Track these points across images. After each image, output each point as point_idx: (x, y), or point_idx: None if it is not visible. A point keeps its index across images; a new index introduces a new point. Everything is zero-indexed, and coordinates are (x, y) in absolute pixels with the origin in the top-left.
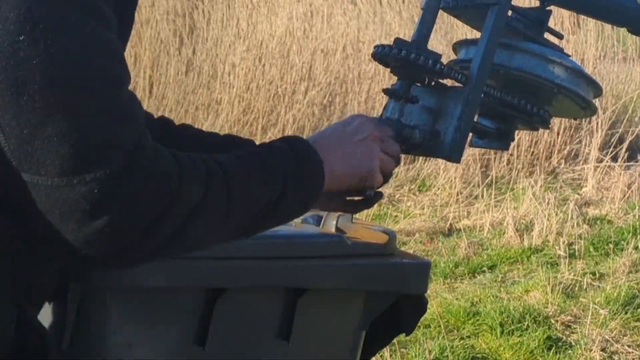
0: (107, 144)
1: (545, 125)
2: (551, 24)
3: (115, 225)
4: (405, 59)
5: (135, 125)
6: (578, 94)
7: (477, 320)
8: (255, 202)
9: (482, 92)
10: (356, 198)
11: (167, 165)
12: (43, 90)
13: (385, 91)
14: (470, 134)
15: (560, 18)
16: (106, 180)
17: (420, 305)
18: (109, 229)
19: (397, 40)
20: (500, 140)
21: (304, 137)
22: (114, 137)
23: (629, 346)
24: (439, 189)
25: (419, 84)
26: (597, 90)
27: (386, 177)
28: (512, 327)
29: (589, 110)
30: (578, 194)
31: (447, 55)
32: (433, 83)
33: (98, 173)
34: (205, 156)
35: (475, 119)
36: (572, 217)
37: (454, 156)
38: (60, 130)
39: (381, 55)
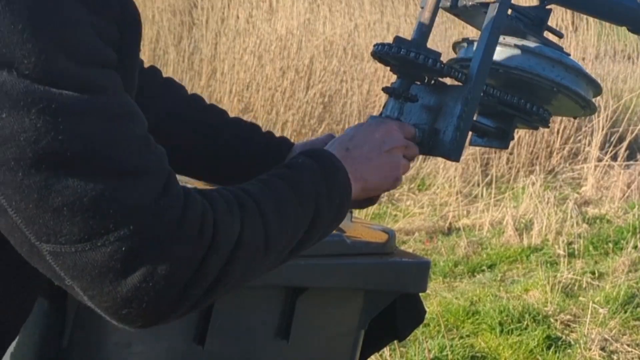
0: (124, 203)
1: (545, 124)
2: (554, 21)
3: (153, 278)
4: (404, 58)
5: (155, 176)
6: (577, 93)
7: (477, 319)
8: (292, 228)
9: (482, 91)
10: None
11: (198, 209)
12: (38, 165)
13: (385, 90)
14: (470, 133)
15: (563, 17)
16: (131, 237)
17: (418, 311)
18: (145, 284)
19: (397, 39)
20: (499, 139)
21: (307, 136)
22: (131, 195)
23: (628, 345)
24: (438, 187)
25: (418, 83)
26: (597, 89)
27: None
28: (512, 326)
29: (589, 109)
30: (577, 193)
31: (447, 54)
32: (433, 82)
33: (121, 232)
34: (234, 188)
35: (474, 118)
36: (571, 216)
37: (454, 155)
38: (68, 200)
39: (381, 54)
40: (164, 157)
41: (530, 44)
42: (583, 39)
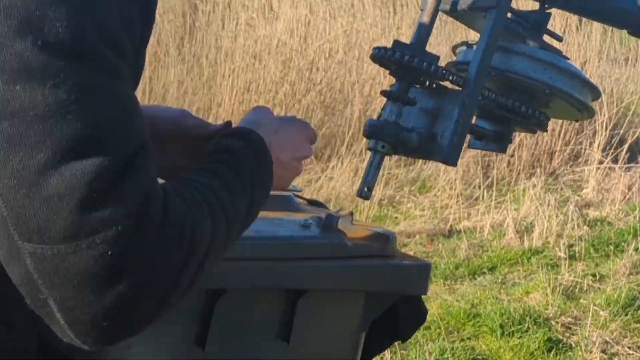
0: (113, 201)
1: (542, 127)
2: (556, 24)
3: (139, 285)
4: (402, 62)
5: (143, 177)
6: (575, 97)
7: (478, 321)
8: (241, 214)
9: (480, 95)
10: None
11: (178, 212)
12: (40, 145)
13: (383, 93)
14: (468, 135)
15: (565, 19)
16: (118, 239)
17: (419, 312)
18: (131, 292)
19: (396, 43)
20: (498, 142)
21: None
22: (120, 193)
23: (629, 348)
24: (439, 190)
25: (417, 86)
26: (595, 93)
27: None
28: (513, 328)
29: (587, 112)
30: (578, 195)
31: (449, 57)
32: (432, 85)
33: (108, 233)
34: (191, 182)
35: (472, 121)
36: (572, 219)
37: (451, 159)
38: (61, 189)
39: (379, 57)
40: (155, 163)
41: (528, 48)
42: (586, 42)
